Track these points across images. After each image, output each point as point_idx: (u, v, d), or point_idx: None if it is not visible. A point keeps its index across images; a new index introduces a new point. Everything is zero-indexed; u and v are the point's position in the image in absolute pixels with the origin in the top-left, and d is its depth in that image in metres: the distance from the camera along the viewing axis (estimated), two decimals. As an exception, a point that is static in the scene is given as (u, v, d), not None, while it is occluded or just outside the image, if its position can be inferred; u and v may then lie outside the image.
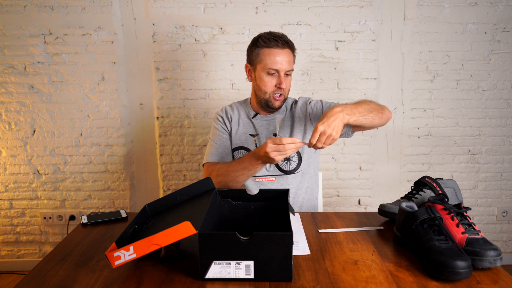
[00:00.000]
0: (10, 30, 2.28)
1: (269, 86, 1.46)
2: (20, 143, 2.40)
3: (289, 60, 1.45)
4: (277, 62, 1.43)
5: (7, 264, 2.53)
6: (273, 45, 1.43)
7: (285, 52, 1.44)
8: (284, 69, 1.44)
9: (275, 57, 1.43)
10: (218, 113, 1.63)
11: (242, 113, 1.61)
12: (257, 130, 1.56)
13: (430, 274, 0.93)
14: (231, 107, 1.64)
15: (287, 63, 1.44)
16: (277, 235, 0.90)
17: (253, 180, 1.53)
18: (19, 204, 2.47)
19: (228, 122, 1.60)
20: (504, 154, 2.42)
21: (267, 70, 1.44)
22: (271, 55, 1.43)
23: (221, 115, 1.61)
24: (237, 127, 1.59)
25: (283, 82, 1.44)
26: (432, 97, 2.37)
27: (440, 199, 1.07)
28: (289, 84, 1.50)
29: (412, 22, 2.29)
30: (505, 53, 2.32)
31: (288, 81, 1.49)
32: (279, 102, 1.50)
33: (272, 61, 1.43)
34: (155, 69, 2.34)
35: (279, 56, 1.43)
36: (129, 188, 2.46)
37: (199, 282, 0.92)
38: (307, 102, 1.58)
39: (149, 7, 2.27)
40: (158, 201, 1.20)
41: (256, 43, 1.47)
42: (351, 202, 2.49)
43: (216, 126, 1.60)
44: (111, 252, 0.93)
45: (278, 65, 1.43)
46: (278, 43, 1.43)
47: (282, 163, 1.54)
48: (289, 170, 1.54)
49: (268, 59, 1.43)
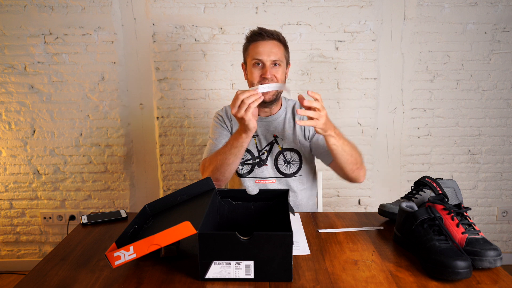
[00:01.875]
0: (10, 30, 2.28)
1: (255, 77, 1.45)
2: (20, 143, 2.40)
3: (275, 51, 1.44)
4: (260, 52, 1.43)
5: (7, 264, 2.53)
6: (258, 38, 1.45)
7: (270, 43, 1.44)
8: (269, 58, 1.43)
9: (259, 48, 1.44)
10: (218, 112, 1.62)
11: None
12: (258, 131, 1.54)
13: (430, 274, 0.93)
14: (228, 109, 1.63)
15: (272, 53, 1.43)
16: (277, 235, 0.90)
17: (254, 182, 1.53)
18: (19, 204, 2.47)
19: (228, 122, 1.58)
20: (504, 154, 2.42)
21: (253, 62, 1.45)
22: (255, 47, 1.45)
23: (221, 115, 1.60)
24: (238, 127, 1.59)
25: (268, 71, 1.42)
26: (432, 97, 2.37)
27: (440, 199, 1.07)
28: (280, 75, 1.45)
29: (412, 22, 2.29)
30: (505, 53, 2.32)
31: (277, 71, 1.45)
32: (269, 95, 1.46)
33: (255, 52, 1.44)
34: (155, 69, 2.34)
35: (263, 47, 1.44)
36: (129, 188, 2.46)
37: (199, 282, 0.92)
38: None
39: (149, 7, 2.27)
40: (158, 201, 1.20)
41: (247, 39, 1.50)
42: (351, 202, 2.49)
43: (216, 124, 1.59)
44: (111, 252, 0.93)
45: (261, 55, 1.43)
46: (263, 36, 1.44)
47: (283, 166, 1.53)
48: (289, 173, 1.53)
49: (253, 51, 1.45)
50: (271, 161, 1.53)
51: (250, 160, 1.54)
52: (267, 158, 1.53)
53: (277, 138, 1.54)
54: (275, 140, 1.54)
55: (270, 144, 1.54)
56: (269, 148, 1.53)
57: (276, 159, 1.53)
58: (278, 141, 1.53)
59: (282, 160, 1.53)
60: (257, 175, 1.53)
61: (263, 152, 1.54)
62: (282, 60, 1.46)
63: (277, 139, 1.54)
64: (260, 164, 1.53)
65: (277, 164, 1.53)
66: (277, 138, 1.54)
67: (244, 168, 1.54)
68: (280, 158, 1.53)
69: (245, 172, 1.54)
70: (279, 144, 1.53)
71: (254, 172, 1.53)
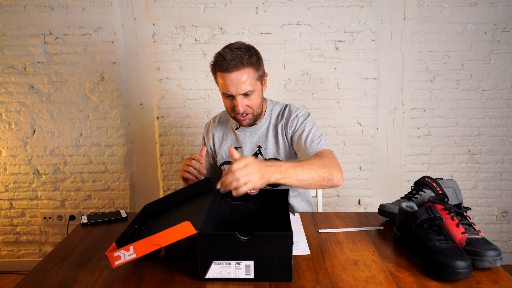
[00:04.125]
0: (10, 30, 2.28)
1: (228, 107, 1.39)
2: (20, 143, 2.40)
3: (244, 80, 1.30)
4: (227, 86, 1.32)
5: (7, 264, 2.53)
6: (224, 68, 1.29)
7: (239, 73, 1.30)
8: (237, 93, 1.32)
9: (226, 81, 1.31)
10: (206, 124, 1.62)
11: (226, 126, 1.56)
12: (240, 142, 1.51)
13: (430, 274, 0.93)
14: (214, 121, 1.59)
15: (241, 85, 1.31)
16: (277, 235, 0.90)
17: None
18: (19, 204, 2.47)
19: (207, 139, 1.59)
20: (504, 154, 2.42)
21: (223, 93, 1.37)
22: (222, 78, 1.32)
23: (204, 131, 1.61)
24: (221, 141, 1.55)
25: (239, 105, 1.33)
26: (432, 97, 2.37)
27: (440, 199, 1.07)
28: (254, 102, 1.37)
29: (412, 22, 2.29)
30: (505, 53, 2.32)
31: (250, 100, 1.36)
32: (246, 120, 1.41)
33: (223, 85, 1.33)
34: (155, 69, 2.34)
35: (230, 80, 1.30)
36: (129, 188, 2.46)
37: (199, 282, 0.92)
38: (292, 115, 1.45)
39: (149, 7, 2.27)
40: (158, 201, 1.20)
41: (212, 65, 1.36)
42: (351, 202, 2.49)
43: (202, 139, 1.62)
44: (111, 252, 0.93)
45: (229, 89, 1.32)
46: (229, 65, 1.28)
47: None
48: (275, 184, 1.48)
49: (221, 84, 1.34)
50: None
51: None
52: None
53: (261, 149, 1.49)
54: (259, 151, 1.49)
55: (253, 155, 1.49)
56: None
57: None
58: (261, 151, 1.49)
59: None
60: None
61: None
62: (254, 86, 1.34)
63: (260, 150, 1.49)
64: None
65: None
66: (261, 149, 1.49)
67: None
68: None
69: None
70: (263, 154, 1.48)
71: None
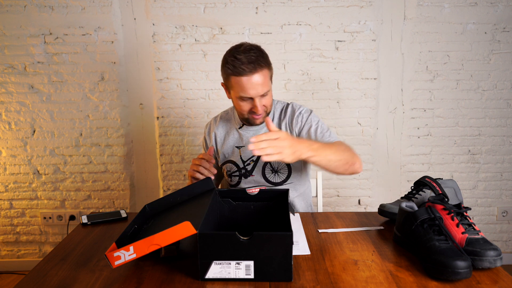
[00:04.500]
0: (10, 30, 2.28)
1: (244, 109, 1.38)
2: (20, 143, 2.40)
3: (263, 82, 1.31)
4: (247, 90, 1.30)
5: (7, 264, 2.53)
6: (241, 72, 1.28)
7: (257, 76, 1.29)
8: (257, 94, 1.32)
9: (245, 85, 1.29)
10: (206, 125, 1.62)
11: (229, 125, 1.55)
12: (244, 141, 1.50)
13: (430, 274, 0.93)
14: (216, 121, 1.58)
15: (260, 87, 1.31)
16: (277, 235, 0.90)
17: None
18: (19, 204, 2.47)
19: (209, 139, 1.58)
20: (504, 154, 2.42)
21: (240, 97, 1.34)
22: (240, 83, 1.30)
23: (205, 131, 1.61)
24: (223, 141, 1.54)
25: (258, 106, 1.34)
26: (432, 97, 2.37)
27: (440, 199, 1.07)
28: (268, 101, 1.38)
29: (412, 22, 2.29)
30: (505, 53, 2.32)
31: (266, 100, 1.37)
32: (260, 119, 1.42)
33: (242, 90, 1.30)
34: (155, 69, 2.34)
35: (250, 83, 1.29)
36: (129, 188, 2.46)
37: (199, 282, 0.92)
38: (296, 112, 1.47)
39: (149, 7, 2.27)
40: (158, 201, 1.20)
41: (225, 67, 1.33)
42: (351, 202, 2.49)
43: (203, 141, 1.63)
44: (111, 252, 0.93)
45: (249, 92, 1.30)
46: (248, 68, 1.27)
47: (270, 175, 1.48)
48: (278, 182, 1.48)
49: (239, 87, 1.31)
50: (258, 171, 1.48)
51: (236, 172, 1.50)
52: (253, 168, 1.48)
53: None
54: None
55: None
56: (256, 158, 1.48)
57: (264, 169, 1.48)
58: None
59: (270, 170, 1.48)
60: (244, 186, 1.49)
61: (248, 163, 1.49)
62: (269, 87, 1.36)
63: None
64: (246, 175, 1.49)
65: (265, 174, 1.48)
66: None
67: (232, 179, 1.52)
68: (267, 168, 1.48)
69: (234, 183, 1.52)
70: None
71: (242, 183, 1.50)
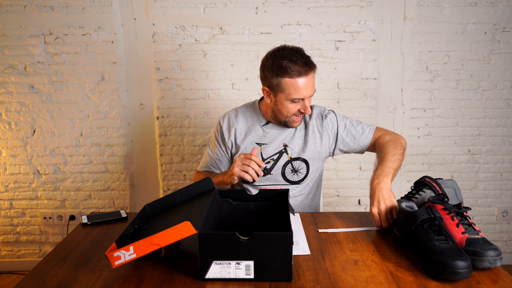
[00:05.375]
0: (10, 30, 2.28)
1: (291, 111, 1.39)
2: (20, 143, 2.40)
3: (313, 83, 1.37)
4: (302, 91, 1.34)
5: (7, 264, 2.53)
6: (300, 74, 1.32)
7: (311, 77, 1.35)
8: (309, 94, 1.36)
9: (300, 85, 1.33)
10: (219, 121, 1.56)
11: (251, 120, 1.53)
12: (267, 138, 1.50)
13: (430, 274, 0.93)
14: (235, 114, 1.55)
15: (311, 88, 1.36)
16: (277, 235, 0.90)
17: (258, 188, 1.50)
18: (19, 204, 2.47)
19: (227, 134, 1.53)
20: (504, 154, 2.42)
21: (292, 99, 1.36)
22: (295, 85, 1.33)
23: (221, 126, 1.54)
24: (244, 136, 1.51)
25: (308, 107, 1.38)
26: (432, 97, 2.37)
27: (440, 199, 1.07)
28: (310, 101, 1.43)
29: (412, 22, 2.29)
30: (505, 53, 2.32)
31: (311, 101, 1.42)
32: (298, 122, 1.45)
33: (297, 92, 1.34)
34: (155, 69, 2.34)
35: (305, 84, 1.33)
36: (129, 188, 2.46)
37: (199, 282, 0.92)
38: (323, 114, 1.52)
39: (149, 7, 2.27)
40: (158, 201, 1.20)
41: (276, 71, 1.33)
42: (351, 202, 2.49)
43: (214, 137, 1.57)
44: (111, 252, 0.93)
45: (303, 93, 1.34)
46: (303, 71, 1.32)
47: (290, 174, 1.49)
48: (295, 181, 1.50)
49: (293, 89, 1.33)
50: (277, 169, 1.49)
51: None
52: (273, 167, 1.49)
53: (287, 148, 1.49)
54: (285, 150, 1.49)
55: (278, 153, 1.49)
56: (276, 157, 1.49)
57: (284, 168, 1.49)
58: (287, 150, 1.49)
59: (290, 169, 1.49)
60: (261, 183, 1.50)
61: (268, 161, 1.49)
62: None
63: (286, 149, 1.49)
64: (264, 173, 1.49)
65: (285, 173, 1.49)
66: (287, 148, 1.49)
67: None
68: (288, 167, 1.49)
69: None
70: (288, 153, 1.49)
71: (259, 181, 1.49)
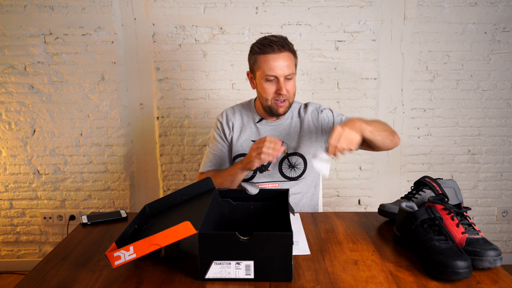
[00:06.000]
0: (10, 30, 2.28)
1: (269, 92, 1.40)
2: (20, 143, 2.40)
3: (288, 64, 1.38)
4: (274, 68, 1.36)
5: (7, 264, 2.53)
6: (269, 50, 1.36)
7: (283, 56, 1.37)
8: (283, 74, 1.37)
9: (272, 63, 1.36)
10: (218, 118, 1.58)
11: (246, 118, 1.55)
12: (261, 135, 1.51)
13: (430, 274, 0.93)
14: (233, 111, 1.57)
15: (286, 68, 1.37)
16: (277, 235, 0.90)
17: (256, 186, 1.50)
18: (19, 204, 2.47)
19: (228, 130, 1.54)
20: (504, 154, 2.42)
21: (265, 77, 1.38)
22: (267, 61, 1.37)
23: (221, 122, 1.56)
24: (239, 134, 1.53)
25: (283, 87, 1.38)
26: (432, 97, 2.37)
27: (440, 199, 1.07)
28: (292, 88, 1.42)
29: (412, 22, 2.29)
30: (505, 53, 2.32)
31: (290, 85, 1.41)
32: (283, 108, 1.44)
33: (268, 68, 1.37)
34: (155, 69, 2.34)
35: (276, 62, 1.36)
36: (129, 188, 2.46)
37: (199, 282, 0.92)
38: (318, 110, 1.53)
39: (149, 7, 2.27)
40: (158, 201, 1.20)
41: (253, 50, 1.42)
42: (351, 202, 2.49)
43: (215, 135, 1.56)
44: (111, 252, 0.93)
45: (275, 71, 1.36)
46: (274, 48, 1.36)
47: (287, 170, 1.50)
48: (293, 177, 1.50)
49: (265, 65, 1.37)
50: (275, 166, 1.50)
51: None
52: (269, 163, 1.49)
53: (282, 143, 1.48)
54: None
55: None
56: None
57: (281, 164, 1.50)
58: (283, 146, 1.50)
59: (287, 165, 1.50)
60: (259, 180, 1.51)
61: None
62: (294, 73, 1.42)
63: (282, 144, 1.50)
64: (261, 169, 1.50)
65: (282, 169, 1.50)
66: (282, 143, 1.48)
67: None
68: (284, 162, 1.50)
69: (248, 177, 1.51)
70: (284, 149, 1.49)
71: (256, 177, 1.51)
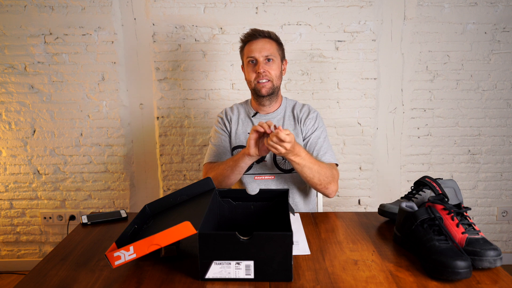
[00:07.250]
0: (10, 30, 2.28)
1: (251, 75, 1.54)
2: (20, 143, 2.40)
3: (267, 47, 1.52)
4: (252, 50, 1.52)
5: (7, 264, 2.53)
6: (250, 38, 1.55)
7: (261, 40, 1.54)
8: (261, 55, 1.51)
9: (251, 46, 1.53)
10: (219, 115, 1.68)
11: (242, 113, 1.65)
12: None
13: (430, 274, 0.93)
14: (231, 108, 1.68)
15: (263, 49, 1.52)
16: (277, 235, 0.90)
17: (253, 178, 1.55)
18: (19, 204, 2.47)
19: (227, 123, 1.64)
20: (504, 154, 2.42)
21: (247, 61, 1.54)
22: (249, 47, 1.55)
23: (221, 117, 1.66)
24: (236, 127, 1.62)
25: (261, 66, 1.51)
26: (432, 97, 2.37)
27: (440, 199, 1.07)
28: (273, 70, 1.53)
29: (412, 22, 2.29)
30: (505, 53, 2.32)
31: (271, 66, 1.53)
32: (265, 88, 1.53)
33: (249, 51, 1.54)
34: (155, 69, 2.34)
35: (255, 45, 1.53)
36: (129, 188, 2.46)
37: (199, 282, 0.92)
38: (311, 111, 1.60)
39: (149, 7, 2.27)
40: (158, 201, 1.20)
41: (240, 42, 1.60)
42: (351, 202, 2.49)
43: (216, 128, 1.65)
44: (111, 252, 0.93)
45: (254, 52, 1.52)
46: (255, 36, 1.54)
47: (281, 162, 1.54)
48: (287, 169, 1.55)
49: (247, 50, 1.55)
50: (270, 157, 1.55)
51: None
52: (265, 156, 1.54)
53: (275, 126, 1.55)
54: None
55: None
56: None
57: (275, 156, 1.55)
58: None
59: (281, 157, 1.53)
60: (256, 172, 1.56)
61: None
62: (275, 55, 1.54)
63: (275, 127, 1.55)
64: (259, 160, 1.55)
65: (276, 161, 1.55)
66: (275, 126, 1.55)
67: None
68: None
69: None
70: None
71: (253, 168, 1.56)
